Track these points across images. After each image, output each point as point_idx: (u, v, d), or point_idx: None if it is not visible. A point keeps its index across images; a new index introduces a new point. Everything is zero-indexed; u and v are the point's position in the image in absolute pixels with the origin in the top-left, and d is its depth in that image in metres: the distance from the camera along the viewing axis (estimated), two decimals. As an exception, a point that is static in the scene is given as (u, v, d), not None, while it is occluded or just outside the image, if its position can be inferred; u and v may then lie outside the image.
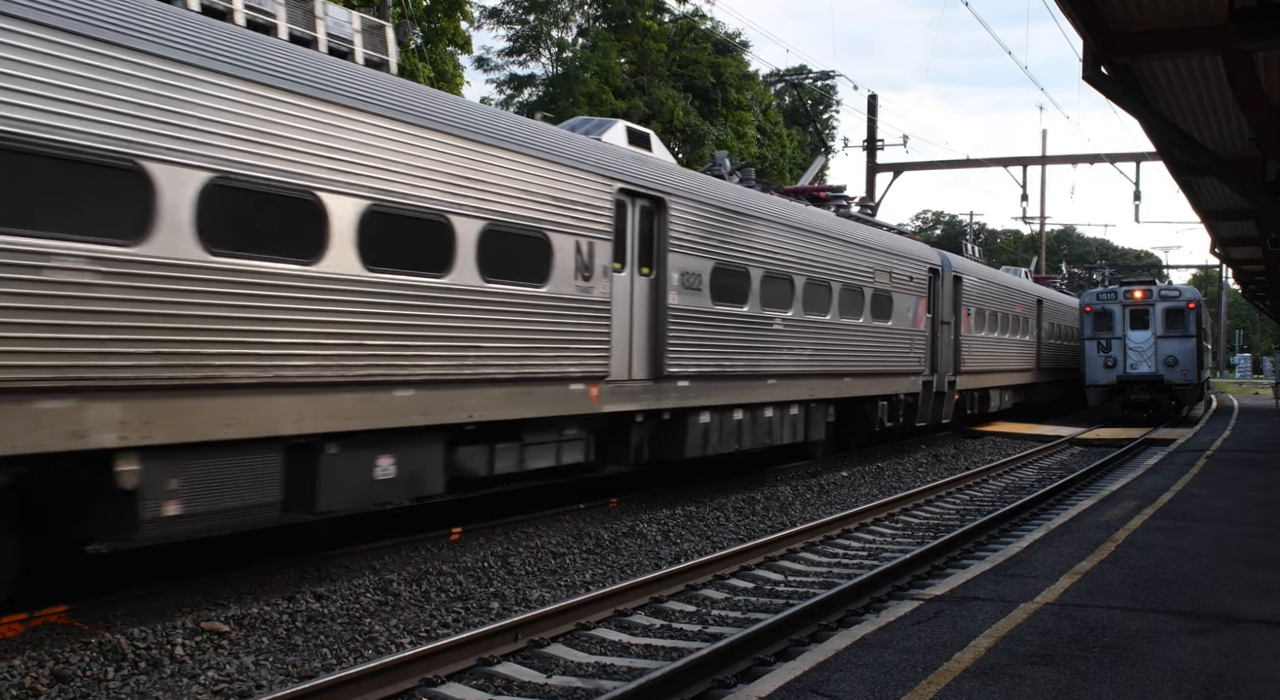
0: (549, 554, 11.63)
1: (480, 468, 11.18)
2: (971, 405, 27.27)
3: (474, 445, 11.05)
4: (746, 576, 11.14)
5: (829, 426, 18.81)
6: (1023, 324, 31.38)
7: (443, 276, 10.30)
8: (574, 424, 12.45)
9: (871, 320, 19.88)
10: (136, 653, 7.74)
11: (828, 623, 8.92)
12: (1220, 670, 6.31)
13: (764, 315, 15.98)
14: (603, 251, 12.53)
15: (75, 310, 7.33)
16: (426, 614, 9.20)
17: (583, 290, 12.19)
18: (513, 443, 11.55)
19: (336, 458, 9.36)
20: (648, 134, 14.95)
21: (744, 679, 7.36)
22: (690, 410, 14.37)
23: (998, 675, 6.13)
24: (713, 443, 14.96)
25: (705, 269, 14.47)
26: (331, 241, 9.17)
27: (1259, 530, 11.51)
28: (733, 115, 47.83)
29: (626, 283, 13.17)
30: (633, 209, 13.29)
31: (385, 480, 9.87)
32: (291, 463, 8.98)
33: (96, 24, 7.53)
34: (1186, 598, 8.20)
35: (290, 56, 9.16)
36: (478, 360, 10.67)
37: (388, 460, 9.87)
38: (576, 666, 7.95)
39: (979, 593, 8.30)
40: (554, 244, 11.73)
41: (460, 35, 35.13)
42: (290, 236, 8.90)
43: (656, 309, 13.63)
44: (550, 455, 12.17)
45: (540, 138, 11.99)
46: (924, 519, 15.28)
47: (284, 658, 7.89)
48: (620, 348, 12.94)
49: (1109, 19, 10.93)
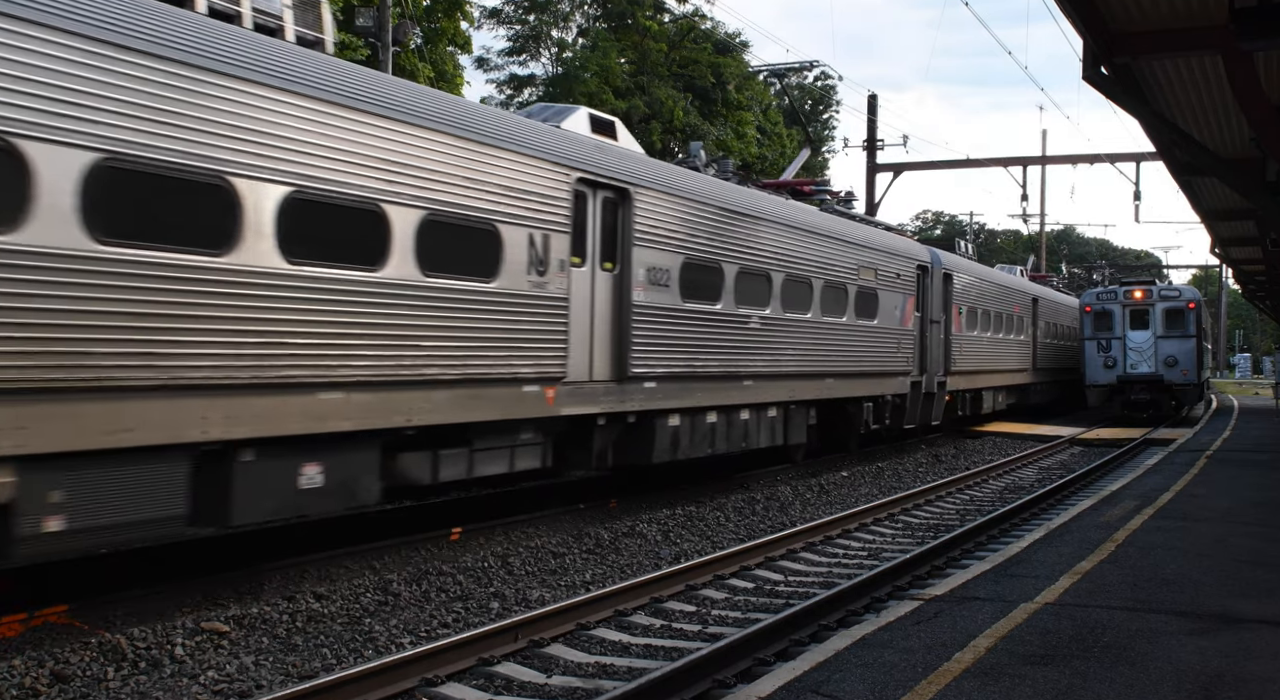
0: (549, 554, 11.63)
1: (424, 475, 10.46)
2: (963, 407, 26.72)
3: (416, 451, 10.37)
4: (746, 576, 11.14)
5: (810, 429, 18.25)
6: (1017, 323, 30.86)
7: (376, 270, 9.55)
8: (529, 428, 11.70)
9: (856, 319, 19.21)
10: (136, 653, 7.74)
11: (828, 623, 8.92)
12: (1220, 670, 6.32)
13: (739, 313, 15.33)
14: (559, 245, 11.77)
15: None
16: (426, 614, 9.20)
17: (537, 286, 11.43)
18: (460, 448, 10.82)
19: (253, 466, 8.63)
20: (613, 121, 14.23)
21: (744, 679, 7.36)
22: (658, 413, 13.68)
23: (998, 675, 6.13)
24: (683, 447, 14.30)
25: (674, 264, 13.81)
26: (245, 231, 8.42)
27: (1259, 530, 11.51)
28: (733, 115, 47.84)
29: (587, 278, 12.43)
30: (594, 200, 12.53)
31: (312, 489, 9.15)
32: (201, 472, 8.27)
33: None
34: (1186, 598, 8.21)
35: (201, 30, 8.40)
36: (417, 360, 9.95)
37: (314, 468, 9.15)
38: (576, 666, 7.95)
39: (979, 593, 8.30)
40: (504, 236, 10.99)
41: (460, 35, 35.17)
42: (196, 225, 8.14)
43: (620, 306, 12.91)
44: (503, 461, 11.44)
45: (489, 123, 11.24)
46: (924, 519, 15.28)
47: (284, 658, 7.89)
48: (580, 347, 12.22)
49: (1109, 19, 10.93)
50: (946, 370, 24.19)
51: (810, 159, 59.39)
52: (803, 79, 63.91)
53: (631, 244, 13.02)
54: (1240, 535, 11.15)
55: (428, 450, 10.49)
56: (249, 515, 8.80)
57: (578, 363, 12.16)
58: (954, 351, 24.61)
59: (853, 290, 19.09)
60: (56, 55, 7.27)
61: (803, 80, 64.26)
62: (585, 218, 12.40)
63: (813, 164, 59.56)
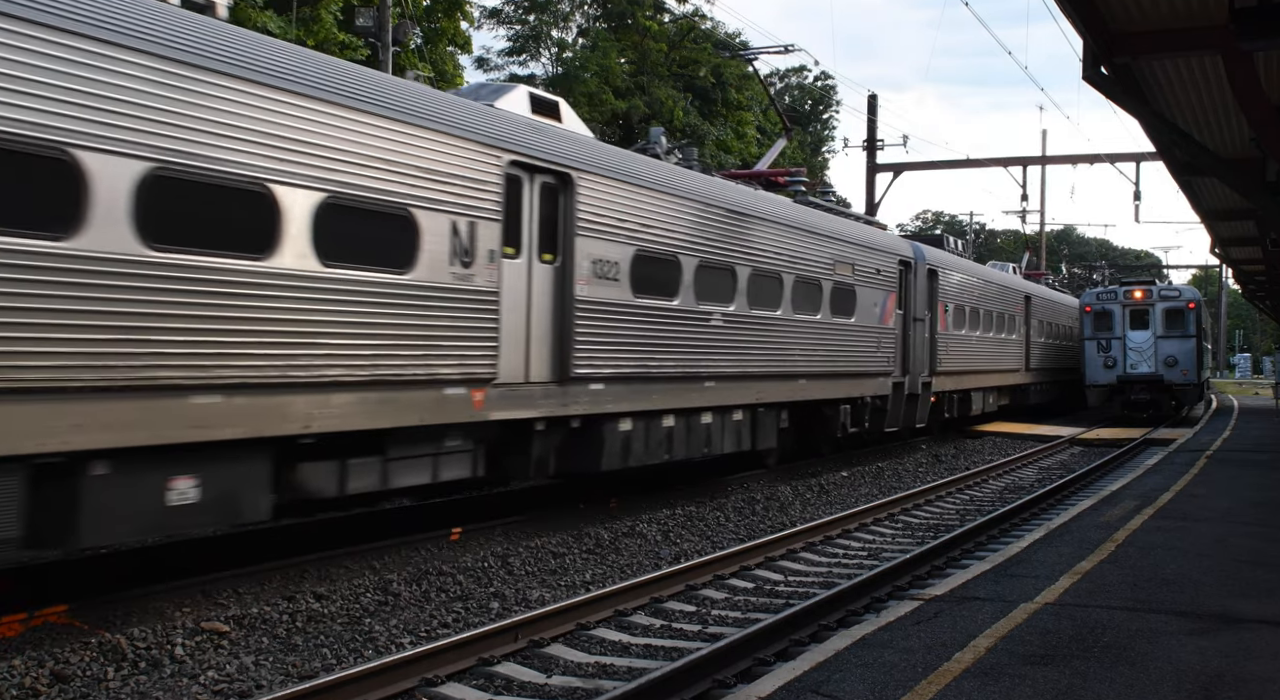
0: (549, 554, 11.63)
1: (328, 488, 9.52)
2: (950, 408, 25.63)
3: (319, 461, 9.38)
4: (746, 576, 11.14)
5: (783, 433, 17.37)
6: (1008, 322, 29.87)
7: (262, 259, 8.58)
8: (455, 434, 10.73)
9: (831, 316, 18.22)
10: (136, 653, 7.74)
11: (828, 623, 8.92)
12: (1220, 670, 6.32)
13: (699, 310, 14.30)
14: (488, 233, 10.81)
15: None
16: (426, 614, 9.20)
17: (461, 278, 10.49)
18: (373, 457, 9.87)
19: (106, 480, 7.63)
20: (556, 101, 13.20)
21: (744, 679, 7.36)
22: (607, 417, 12.71)
23: (998, 675, 6.13)
24: (636, 453, 13.36)
25: (625, 257, 12.82)
26: (93, 212, 7.41)
27: (1259, 530, 11.52)
28: (733, 115, 47.87)
29: (522, 270, 11.45)
30: (530, 186, 11.57)
31: (183, 505, 8.15)
32: (40, 488, 7.30)
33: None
34: (1186, 598, 8.21)
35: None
36: (314, 360, 8.98)
37: (187, 481, 8.17)
38: (576, 666, 7.95)
39: (979, 593, 8.30)
40: (421, 224, 10.04)
41: (460, 35, 35.20)
42: (31, 206, 7.16)
43: (563, 301, 11.95)
44: (425, 471, 10.48)
45: (405, 98, 10.23)
46: (924, 519, 15.28)
47: (284, 658, 7.89)
48: (514, 346, 11.26)
49: (1109, 19, 10.93)
50: (932, 370, 23.33)
51: (810, 159, 59.41)
52: (802, 79, 63.94)
53: (574, 234, 12.06)
54: (1240, 535, 11.15)
55: (334, 460, 9.55)
56: (103, 536, 8.01)
57: (511, 363, 11.25)
58: (940, 351, 23.67)
59: (828, 286, 18.17)
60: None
61: (802, 81, 64.35)
62: (520, 204, 11.46)
63: (813, 164, 59.59)
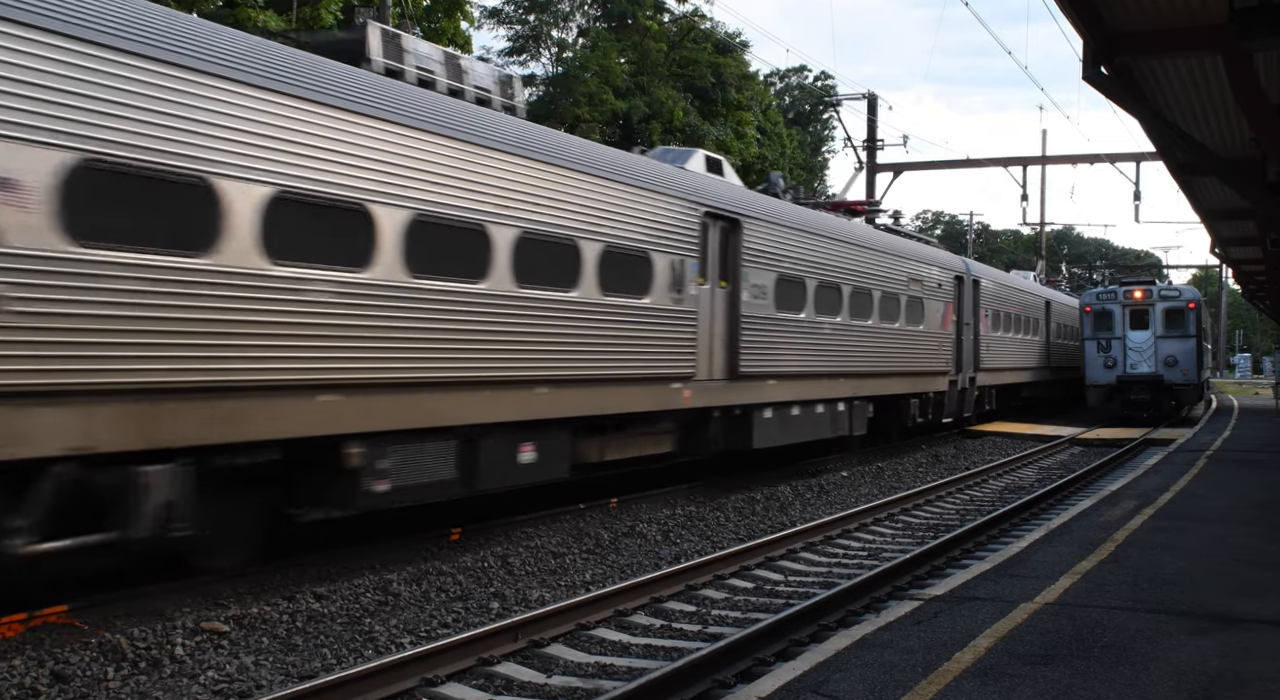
0: (549, 554, 11.63)
1: (594, 455, 13.00)
2: (990, 401, 28.83)
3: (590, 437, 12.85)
4: (746, 576, 11.14)
5: (869, 422, 20.30)
6: (1033, 324, 33.01)
7: (570, 291, 11.88)
8: (668, 418, 14.21)
9: (906, 324, 21.46)
10: (136, 653, 7.73)
11: (828, 623, 8.92)
12: (1220, 670, 6.32)
13: (817, 320, 17.64)
14: (691, 267, 14.14)
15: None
16: (426, 614, 9.20)
17: (675, 301, 13.79)
18: (621, 433, 13.39)
19: (491, 445, 10.95)
20: (720, 160, 16.76)
21: (744, 679, 7.36)
22: (756, 406, 15.88)
23: (998, 675, 6.13)
24: (773, 435, 16.54)
25: (770, 280, 16.13)
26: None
27: (1259, 530, 11.51)
28: (733, 115, 47.79)
29: (708, 294, 14.72)
30: (714, 229, 14.88)
31: (528, 463, 11.49)
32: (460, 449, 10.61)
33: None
34: (1186, 598, 8.21)
35: None
36: (602, 359, 12.49)
37: (529, 448, 11.48)
38: (576, 666, 7.95)
39: (979, 593, 8.30)
40: (655, 263, 13.38)
41: (460, 35, 35.12)
42: None
43: (733, 317, 15.22)
44: (650, 445, 13.90)
45: (643, 170, 13.63)
46: (924, 519, 15.28)
47: (284, 658, 7.88)
48: (704, 351, 14.50)
49: (1109, 19, 10.94)
50: (976, 368, 26.50)
51: (810, 159, 59.41)
52: (802, 79, 63.97)
53: (740, 264, 15.39)
54: (1240, 535, 11.15)
55: (597, 437, 13.01)
56: (489, 482, 11.13)
57: (703, 364, 14.50)
58: (982, 351, 26.91)
59: (904, 299, 21.41)
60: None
61: (803, 81, 64.37)
62: (707, 243, 14.76)
63: (812, 164, 59.59)
